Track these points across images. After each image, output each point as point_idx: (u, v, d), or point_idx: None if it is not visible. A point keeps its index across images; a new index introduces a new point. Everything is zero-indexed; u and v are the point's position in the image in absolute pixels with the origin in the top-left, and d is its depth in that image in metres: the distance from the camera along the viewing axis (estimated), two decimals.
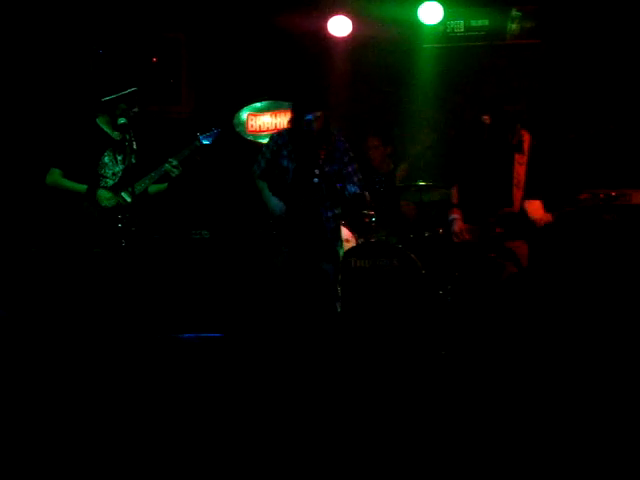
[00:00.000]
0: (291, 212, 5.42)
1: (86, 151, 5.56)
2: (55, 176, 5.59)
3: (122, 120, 5.50)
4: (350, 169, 5.48)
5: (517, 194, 5.57)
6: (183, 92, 8.16)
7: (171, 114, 8.07)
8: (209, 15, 8.04)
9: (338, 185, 5.45)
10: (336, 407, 4.39)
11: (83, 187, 5.53)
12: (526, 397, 4.57)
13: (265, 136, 7.60)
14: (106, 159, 5.61)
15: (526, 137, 5.59)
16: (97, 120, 5.66)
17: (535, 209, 5.52)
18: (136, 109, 5.57)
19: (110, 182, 5.59)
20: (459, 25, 7.99)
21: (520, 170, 5.57)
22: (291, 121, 5.59)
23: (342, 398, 4.58)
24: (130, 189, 5.45)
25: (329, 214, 5.50)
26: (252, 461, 3.61)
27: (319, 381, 4.96)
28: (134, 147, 5.62)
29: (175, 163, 5.61)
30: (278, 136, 5.64)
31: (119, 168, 5.63)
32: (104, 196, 5.53)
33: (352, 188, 5.33)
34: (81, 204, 5.53)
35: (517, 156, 5.58)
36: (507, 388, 4.79)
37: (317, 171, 5.36)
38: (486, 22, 7.96)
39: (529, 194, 5.57)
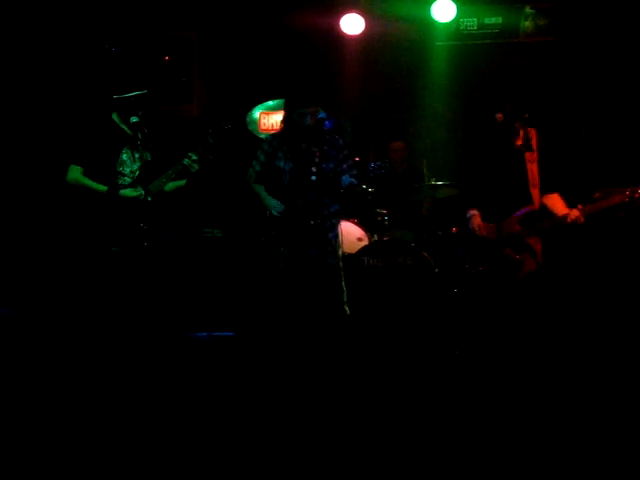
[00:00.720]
0: (290, 211, 5.40)
1: (105, 148, 5.52)
2: (76, 174, 5.52)
3: (134, 119, 5.49)
4: (345, 166, 5.45)
5: (535, 193, 5.53)
6: (195, 91, 8.16)
7: (183, 112, 8.07)
8: (221, 14, 8.04)
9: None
10: (346, 406, 4.37)
11: (104, 187, 5.49)
12: (539, 396, 4.55)
13: None
14: (124, 156, 5.58)
15: (533, 134, 5.56)
16: (113, 116, 5.64)
17: (555, 203, 5.49)
18: (141, 112, 5.53)
19: (128, 180, 5.55)
20: (472, 23, 7.96)
21: (533, 168, 5.54)
22: (284, 120, 5.56)
23: (353, 397, 4.56)
24: (147, 187, 5.45)
25: (326, 212, 5.48)
26: (261, 457, 3.59)
27: (330, 379, 4.94)
28: (149, 144, 5.61)
29: (195, 158, 5.57)
30: (273, 138, 5.62)
31: (136, 166, 5.60)
32: (129, 193, 5.49)
33: (346, 180, 5.30)
34: (100, 203, 5.48)
35: (527, 154, 5.55)
36: (520, 387, 4.76)
37: (314, 169, 5.36)
38: (499, 20, 7.93)
39: (545, 190, 5.53)
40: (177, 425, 4.05)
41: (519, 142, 5.55)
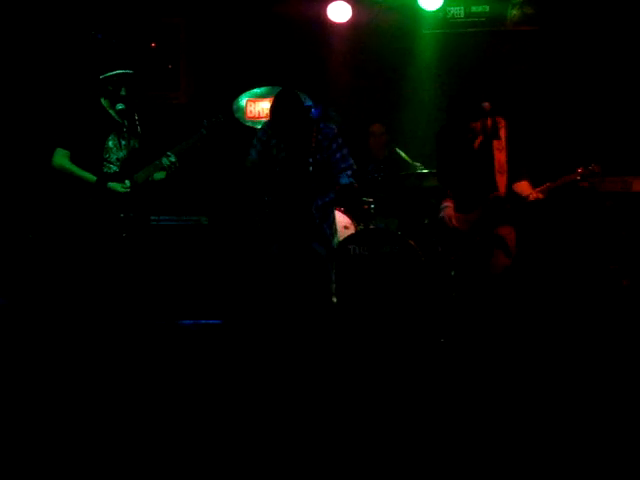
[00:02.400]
0: (282, 200, 5.41)
1: (92, 132, 5.46)
2: (63, 159, 5.44)
3: (120, 106, 5.46)
4: (338, 155, 5.47)
5: (500, 179, 5.59)
6: (182, 78, 8.11)
7: (170, 100, 8.03)
8: (208, 0, 8.00)
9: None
10: (334, 395, 4.39)
11: (92, 177, 5.45)
12: (524, 385, 4.58)
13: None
14: (110, 143, 5.53)
15: (502, 123, 5.62)
16: (102, 101, 5.59)
17: (524, 190, 5.55)
18: (125, 93, 5.48)
19: (114, 168, 5.51)
20: (459, 11, 7.96)
21: (500, 156, 5.60)
22: (273, 110, 5.55)
23: (340, 386, 4.58)
24: (132, 177, 5.44)
25: (320, 202, 5.49)
26: (247, 448, 3.61)
27: (317, 367, 4.96)
28: (138, 131, 5.58)
29: (174, 159, 5.52)
30: (267, 126, 5.62)
31: (122, 154, 5.56)
32: (117, 187, 5.46)
33: (343, 180, 5.32)
34: (88, 192, 5.44)
35: (495, 143, 5.61)
36: (505, 376, 4.80)
37: (311, 159, 5.38)
38: (487, 8, 7.92)
39: (514, 178, 5.60)
40: (164, 413, 4.07)
41: (487, 131, 5.61)
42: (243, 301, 6.24)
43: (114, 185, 5.44)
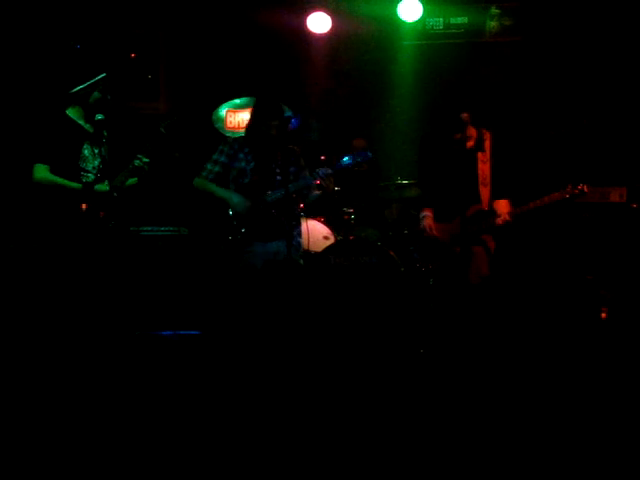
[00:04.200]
0: (256, 207, 5.44)
1: (66, 145, 5.46)
2: (44, 172, 5.38)
3: (99, 116, 5.44)
4: (306, 172, 5.55)
5: (484, 192, 5.62)
6: (161, 88, 8.11)
7: (149, 110, 8.02)
8: (187, 10, 8.00)
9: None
10: (312, 405, 4.39)
11: (78, 185, 5.42)
12: (504, 392, 4.60)
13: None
14: (86, 152, 5.52)
15: (487, 135, 5.65)
16: (67, 112, 5.56)
17: (502, 209, 5.56)
18: (109, 97, 5.49)
19: (91, 176, 5.49)
20: (438, 22, 8.01)
21: (484, 168, 5.63)
22: (249, 126, 5.63)
23: (319, 395, 4.58)
24: (110, 183, 5.41)
25: (290, 209, 5.54)
26: (224, 453, 3.61)
27: (297, 377, 4.95)
28: (104, 139, 5.57)
29: (146, 160, 5.53)
30: (234, 141, 5.70)
31: (97, 161, 5.55)
32: (103, 188, 5.45)
33: (321, 172, 5.34)
34: (71, 201, 5.39)
35: (480, 155, 5.63)
36: (484, 386, 4.81)
37: (278, 169, 5.47)
38: (465, 19, 7.98)
39: (497, 193, 5.62)
40: (141, 424, 4.05)
41: (471, 143, 5.64)
42: (222, 312, 6.22)
43: (100, 187, 5.43)
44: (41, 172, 5.43)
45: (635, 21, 7.41)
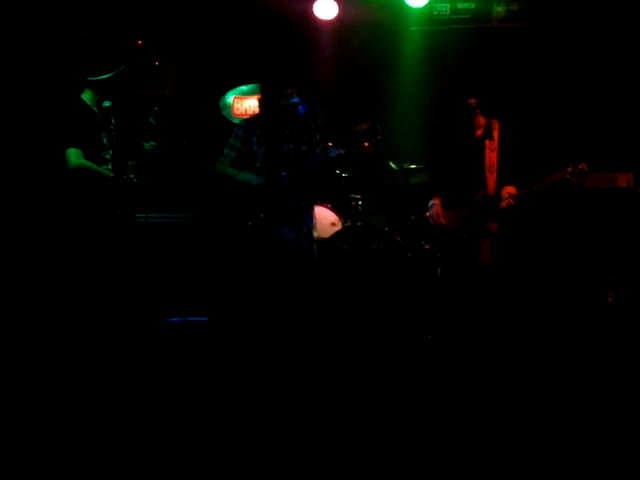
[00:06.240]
0: (272, 188, 5.39)
1: (90, 130, 5.44)
2: (80, 158, 5.35)
3: (107, 103, 5.43)
4: (318, 151, 5.46)
5: (491, 178, 5.65)
6: (168, 75, 8.12)
7: (156, 97, 8.02)
8: None
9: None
10: (321, 392, 4.41)
11: (109, 172, 5.42)
12: (510, 381, 4.61)
13: None
14: (105, 141, 5.52)
15: (495, 124, 5.68)
16: (82, 97, 5.54)
17: (508, 193, 5.60)
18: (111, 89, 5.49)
19: (110, 165, 5.49)
20: (445, 8, 7.98)
21: (492, 156, 5.66)
22: (262, 104, 5.57)
23: (327, 383, 4.60)
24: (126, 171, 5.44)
25: (303, 191, 5.50)
26: (231, 440, 3.63)
27: (305, 364, 4.97)
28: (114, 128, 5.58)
29: (154, 143, 5.56)
30: (246, 123, 5.62)
31: (111, 150, 5.54)
32: (131, 175, 5.46)
33: (332, 153, 5.31)
34: (102, 188, 5.40)
35: (487, 142, 5.67)
36: (492, 372, 4.83)
37: (291, 146, 5.39)
38: (472, 5, 7.95)
39: (504, 180, 5.65)
40: (150, 410, 4.07)
41: (480, 131, 5.67)
42: (230, 298, 6.24)
43: (129, 174, 5.44)
44: (77, 157, 5.36)
45: None
